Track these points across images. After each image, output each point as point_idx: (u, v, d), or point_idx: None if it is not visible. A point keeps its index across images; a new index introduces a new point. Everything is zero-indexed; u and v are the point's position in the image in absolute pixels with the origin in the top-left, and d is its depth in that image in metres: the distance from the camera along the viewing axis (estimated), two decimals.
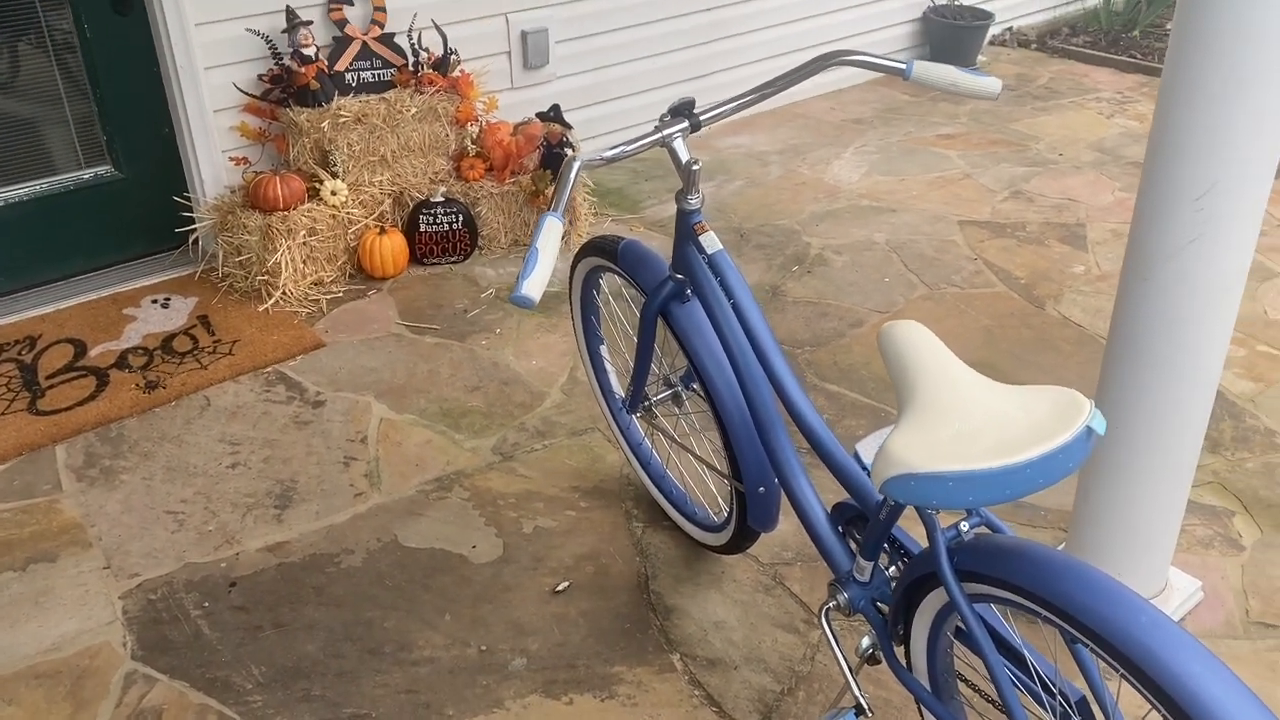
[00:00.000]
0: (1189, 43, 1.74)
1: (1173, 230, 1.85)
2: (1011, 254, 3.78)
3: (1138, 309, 1.95)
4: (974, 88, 1.73)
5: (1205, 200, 1.81)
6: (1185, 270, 1.87)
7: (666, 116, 1.85)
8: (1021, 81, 5.48)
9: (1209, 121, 1.75)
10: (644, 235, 4.00)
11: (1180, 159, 1.80)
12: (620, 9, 4.45)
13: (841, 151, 4.70)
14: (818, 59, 1.83)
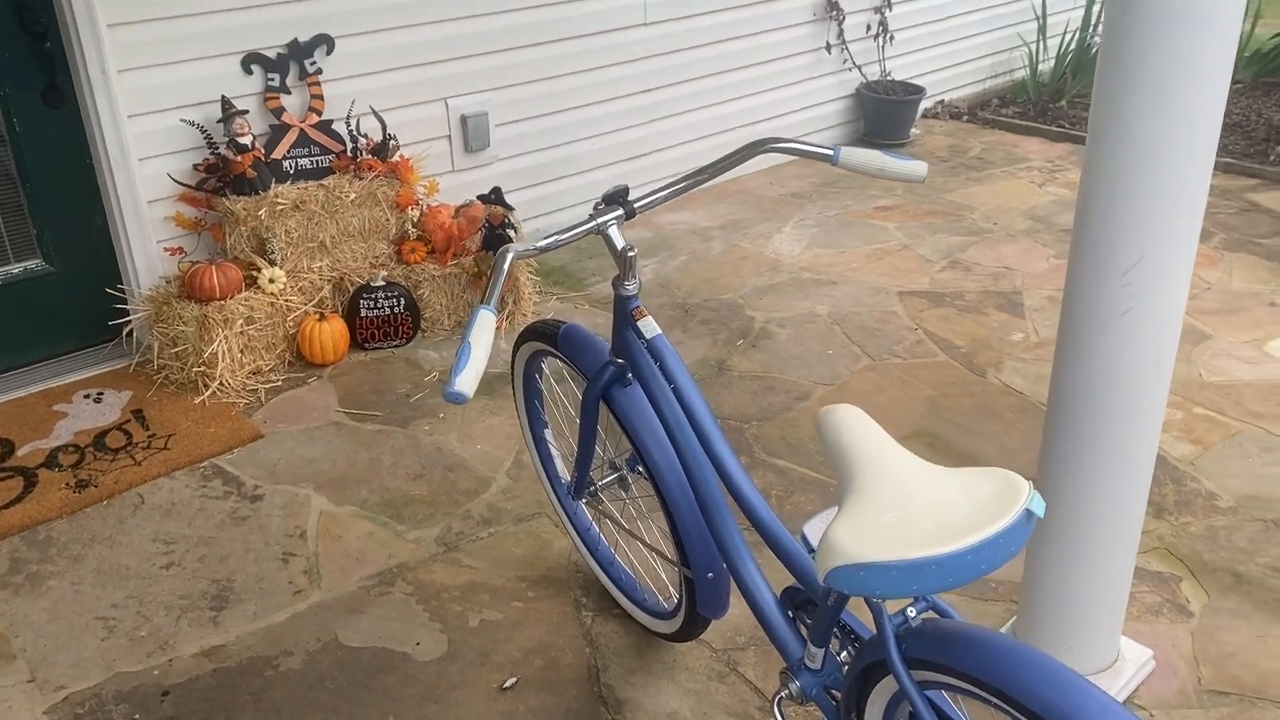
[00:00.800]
0: (1108, 116, 1.79)
1: (1104, 303, 1.88)
2: (951, 323, 3.83)
3: (1074, 382, 1.97)
4: (900, 172, 1.76)
5: (1133, 274, 1.84)
6: (1118, 342, 1.90)
7: (601, 205, 1.85)
8: (954, 153, 5.62)
9: (1132, 194, 1.79)
10: (589, 313, 4.00)
11: (1107, 232, 1.84)
12: (559, 92, 4.50)
13: (781, 226, 4.76)
14: (747, 147, 1.84)
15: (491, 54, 4.23)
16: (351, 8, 3.80)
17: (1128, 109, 1.75)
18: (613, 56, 4.64)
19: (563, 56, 4.47)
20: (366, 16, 3.84)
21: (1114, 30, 1.75)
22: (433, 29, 4.03)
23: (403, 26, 3.95)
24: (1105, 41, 1.79)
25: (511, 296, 3.88)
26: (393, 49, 3.95)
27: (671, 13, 4.77)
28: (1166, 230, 1.80)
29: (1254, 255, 4.28)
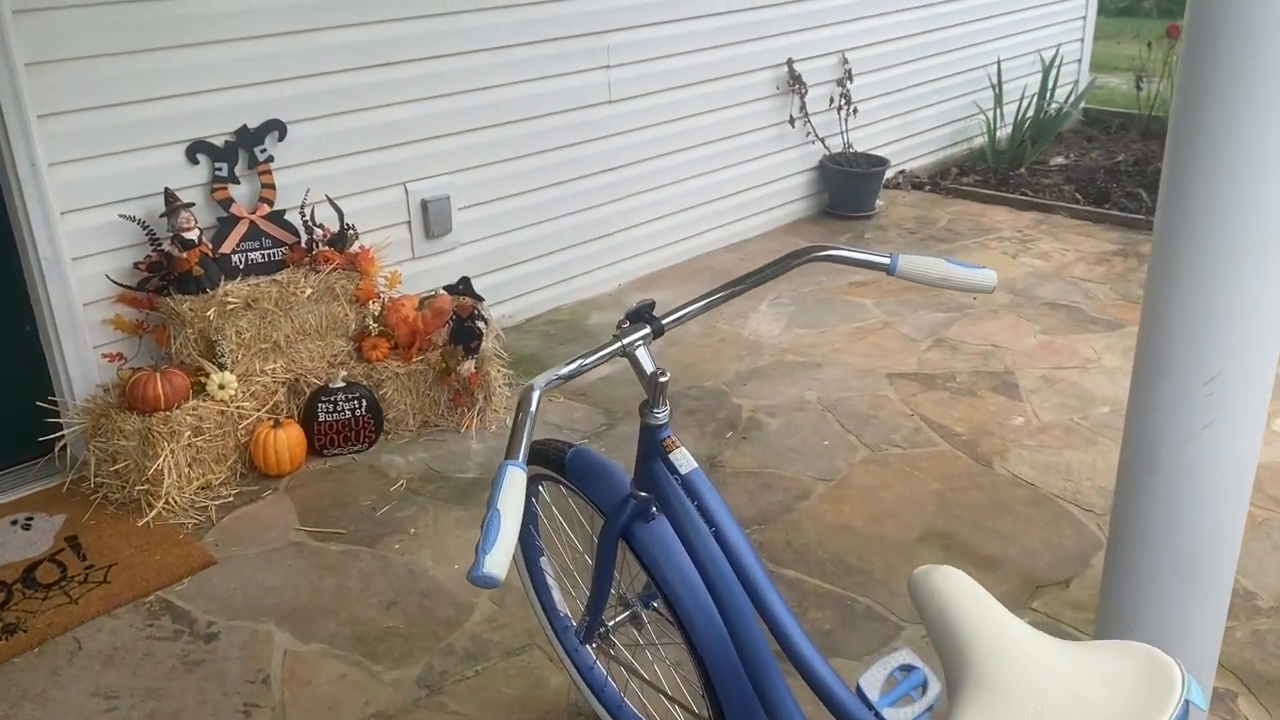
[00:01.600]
0: (1182, 218, 1.61)
1: (1181, 417, 1.69)
2: (947, 408, 3.65)
3: (1144, 504, 1.78)
4: (968, 282, 1.57)
5: (1216, 383, 1.65)
6: (1197, 458, 1.71)
7: (625, 323, 1.63)
8: (922, 224, 5.52)
9: (1212, 303, 1.61)
10: (565, 407, 3.75)
11: (1183, 343, 1.66)
12: (523, 173, 4.31)
13: (757, 304, 4.58)
14: (790, 256, 1.64)
15: (451, 136, 4.03)
16: (304, 91, 3.57)
17: (1202, 203, 1.58)
18: (577, 135, 4.46)
19: (525, 136, 4.27)
20: (320, 100, 3.62)
21: (1186, 119, 1.58)
22: (390, 111, 3.82)
23: (358, 110, 3.73)
24: (1176, 133, 1.62)
25: (481, 392, 3.62)
26: (348, 133, 3.73)
27: (635, 90, 4.62)
28: (1251, 334, 1.63)
29: None
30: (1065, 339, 4.15)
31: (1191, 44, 1.56)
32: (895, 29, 5.80)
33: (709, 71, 4.90)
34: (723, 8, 4.85)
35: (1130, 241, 5.19)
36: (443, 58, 3.91)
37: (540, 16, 4.17)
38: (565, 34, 4.27)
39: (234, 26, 3.36)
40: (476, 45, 3.99)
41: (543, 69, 4.24)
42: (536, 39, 4.18)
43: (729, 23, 4.90)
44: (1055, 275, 4.78)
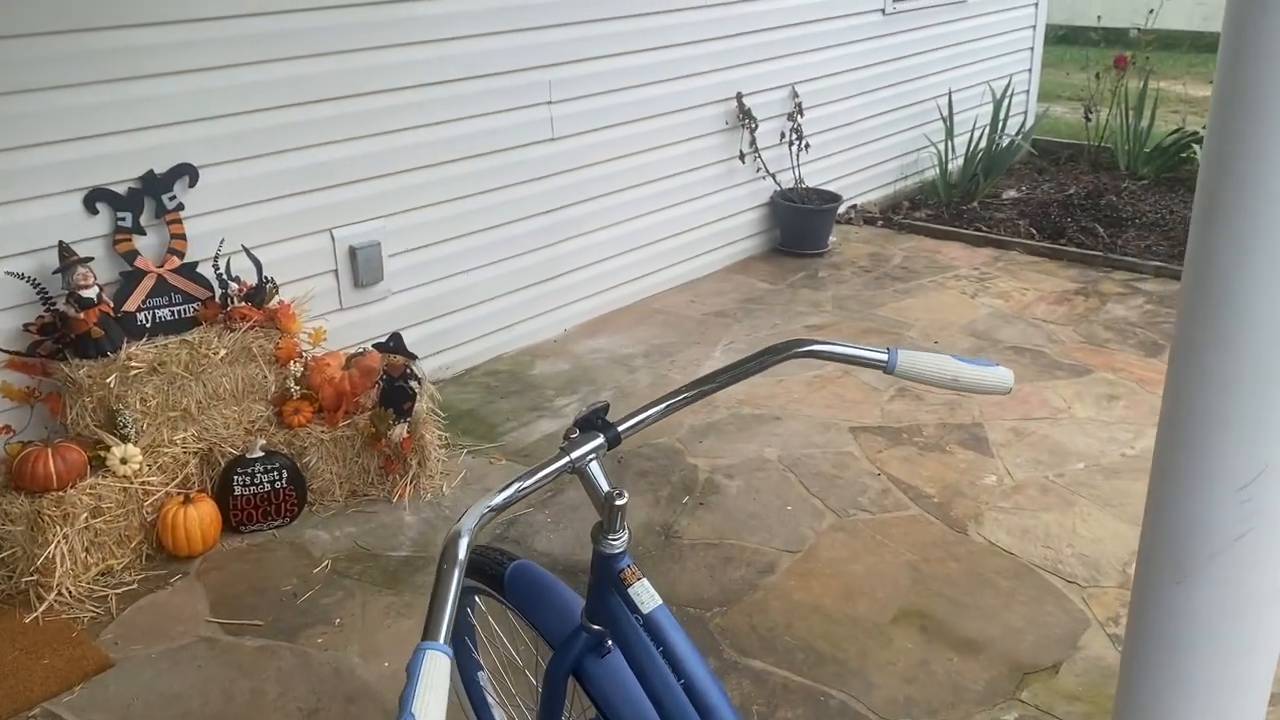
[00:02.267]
0: (1213, 297, 1.40)
1: (1214, 525, 1.48)
2: (915, 465, 3.44)
3: (1170, 618, 1.55)
4: (979, 383, 1.33)
5: (1253, 488, 1.44)
6: (1231, 570, 1.49)
7: (574, 432, 1.37)
8: (876, 261, 5.35)
9: (1249, 394, 1.40)
10: (507, 470, 3.47)
11: (1216, 442, 1.44)
12: (459, 215, 4.04)
13: (710, 350, 4.35)
14: (771, 351, 1.39)
15: (382, 178, 3.75)
16: (217, 133, 3.28)
17: (1236, 278, 1.37)
18: (517, 175, 4.20)
19: (461, 177, 4.01)
20: (235, 142, 3.32)
21: (1217, 188, 1.38)
22: (314, 153, 3.53)
23: (278, 152, 3.44)
24: (1205, 203, 1.42)
25: (415, 458, 3.33)
26: (267, 177, 3.43)
27: (578, 126, 4.38)
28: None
29: None
30: (1032, 386, 3.97)
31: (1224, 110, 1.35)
32: (846, 61, 5.65)
33: (655, 106, 4.68)
34: (669, 41, 4.64)
35: (1089, 279, 5.06)
36: (371, 95, 3.63)
37: (477, 50, 3.91)
38: (504, 69, 4.02)
39: (137, 63, 3.06)
40: (408, 81, 3.73)
41: (480, 105, 3.98)
42: (473, 74, 3.92)
43: (676, 56, 4.70)
44: (1017, 316, 4.62)
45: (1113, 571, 2.88)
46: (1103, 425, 3.67)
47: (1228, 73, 1.37)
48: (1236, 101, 1.35)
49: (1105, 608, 2.73)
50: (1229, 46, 1.36)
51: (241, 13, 3.26)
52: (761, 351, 1.39)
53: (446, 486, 3.38)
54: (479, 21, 3.89)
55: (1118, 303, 4.76)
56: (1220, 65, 1.38)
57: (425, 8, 3.71)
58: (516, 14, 4.00)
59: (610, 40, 4.39)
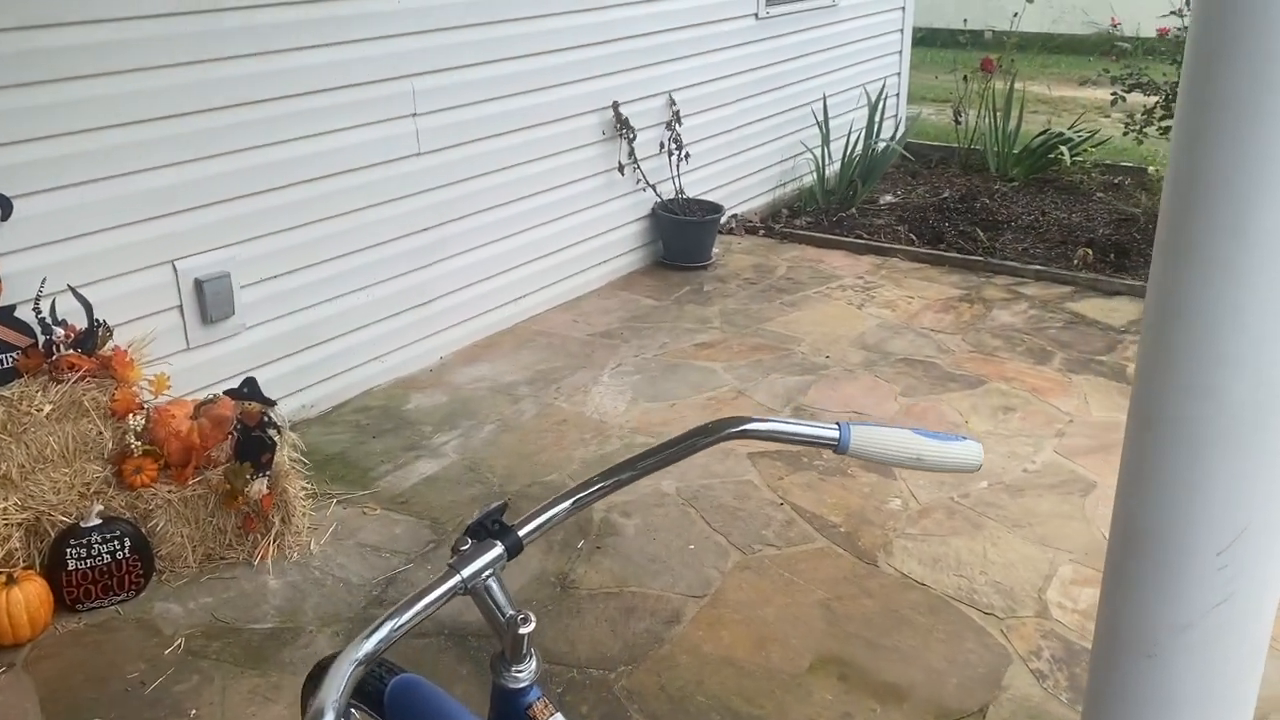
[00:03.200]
0: (1187, 351, 1.25)
1: (1189, 593, 1.33)
2: (818, 492, 3.29)
3: (1139, 695, 1.40)
4: (944, 459, 1.15)
5: (1232, 551, 1.29)
6: (1207, 639, 1.35)
7: (465, 543, 1.11)
8: (761, 273, 5.22)
9: (1234, 450, 1.25)
10: (383, 520, 3.17)
11: (1192, 503, 1.29)
12: (321, 239, 3.71)
13: (598, 375, 4.12)
14: (705, 430, 1.17)
15: (231, 201, 3.39)
16: (34, 157, 2.89)
17: (1219, 322, 1.22)
18: (383, 193, 3.89)
19: (322, 197, 3.68)
20: (58, 166, 2.94)
21: (1181, 224, 1.22)
22: (150, 177, 3.16)
23: (109, 177, 3.06)
24: (1168, 237, 1.26)
25: (278, 514, 3.00)
26: (98, 205, 3.05)
27: (448, 140, 4.09)
28: (1275, 491, 1.28)
29: (1100, 376, 4.04)
30: (927, 400, 3.88)
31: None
32: (721, 67, 5.51)
33: (529, 117, 4.43)
34: (542, 48, 4.40)
35: (972, 285, 5.03)
36: (215, 111, 3.28)
37: (333, 60, 3.59)
38: (364, 79, 3.71)
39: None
40: (257, 95, 3.39)
41: (338, 119, 3.66)
42: (329, 86, 3.60)
43: (549, 64, 4.46)
44: (905, 326, 4.55)
45: (1028, 599, 2.77)
46: (1002, 439, 3.60)
47: (1195, 85, 1.22)
48: (1206, 119, 1.20)
49: (1025, 640, 2.62)
50: (1197, 63, 1.21)
51: (59, 21, 2.87)
52: (690, 433, 1.17)
53: (315, 544, 3.06)
54: (333, 29, 3.57)
55: (1002, 309, 4.74)
56: (1186, 82, 1.23)
57: (271, 15, 3.37)
58: (376, 21, 3.70)
59: (478, 48, 4.12)
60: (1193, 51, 1.21)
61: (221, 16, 3.23)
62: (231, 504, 2.91)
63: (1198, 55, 1.20)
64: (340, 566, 2.97)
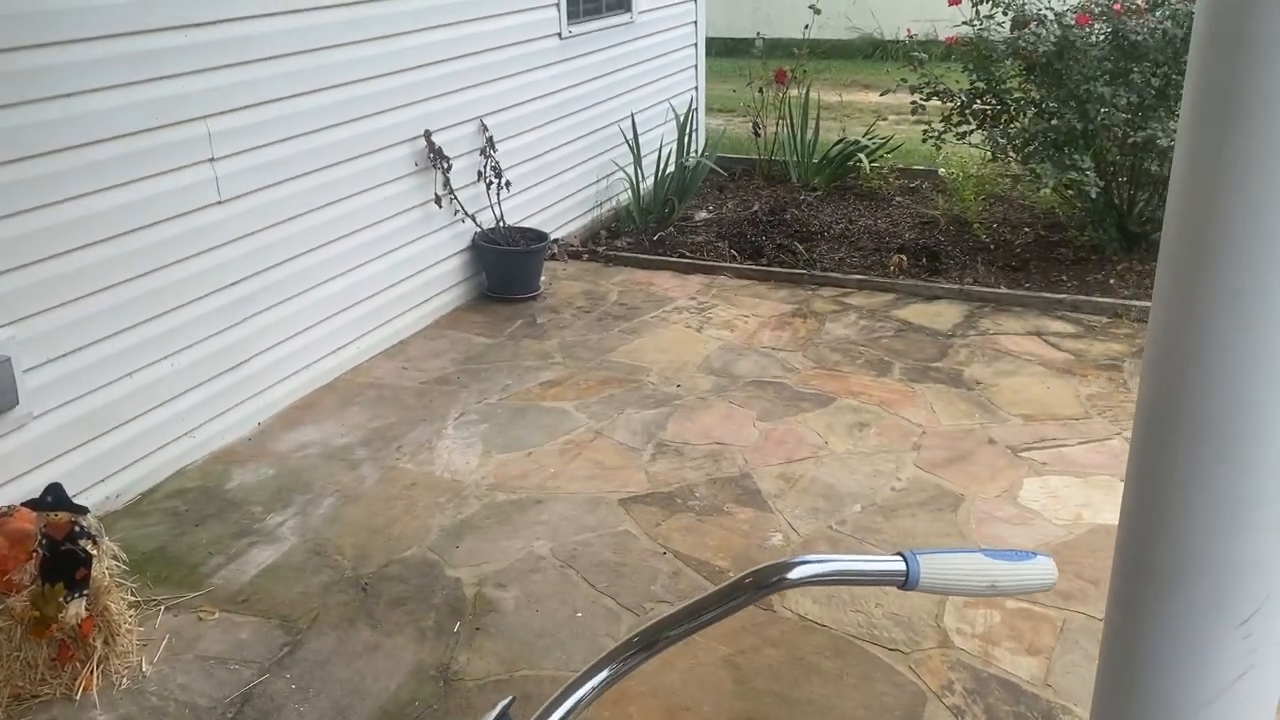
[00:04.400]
0: (1209, 420, 1.17)
1: (1212, 667, 1.25)
2: (699, 535, 3.16)
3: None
4: (1022, 582, 1.01)
5: (1254, 621, 1.23)
6: (1230, 712, 1.28)
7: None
8: (593, 300, 5.06)
9: (1257, 521, 1.18)
10: (224, 626, 2.79)
11: (1215, 577, 1.21)
12: (114, 308, 3.26)
13: (441, 428, 3.84)
14: (742, 587, 0.97)
15: (3, 274, 2.91)
16: None
17: (1246, 389, 1.15)
18: (182, 249, 3.47)
19: (112, 261, 3.23)
20: None
21: (1189, 277, 1.14)
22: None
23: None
24: (1172, 292, 1.18)
25: (100, 637, 2.58)
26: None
27: (251, 184, 3.70)
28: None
29: (940, 384, 4.12)
30: (784, 423, 3.83)
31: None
32: (530, 89, 5.31)
33: (338, 152, 4.09)
34: (347, 78, 4.07)
35: (801, 299, 5.06)
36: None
37: (116, 105, 3.15)
38: (150, 124, 3.28)
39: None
40: (26, 150, 2.92)
41: (126, 171, 3.23)
42: (112, 134, 3.16)
43: (355, 94, 4.13)
44: (746, 347, 4.50)
45: (928, 629, 2.74)
46: (863, 458, 3.59)
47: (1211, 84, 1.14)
48: (1226, 137, 1.12)
49: (935, 674, 2.57)
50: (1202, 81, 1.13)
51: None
52: (729, 589, 0.97)
53: (147, 663, 2.66)
54: (109, 71, 3.13)
55: (834, 321, 4.78)
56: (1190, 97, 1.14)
57: (37, 58, 2.91)
58: (158, 59, 3.28)
59: (278, 82, 3.75)
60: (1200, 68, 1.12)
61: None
62: (42, 633, 2.47)
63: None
64: (181, 688, 2.58)
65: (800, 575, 0.97)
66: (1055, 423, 3.80)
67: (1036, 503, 3.29)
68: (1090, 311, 4.77)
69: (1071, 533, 3.13)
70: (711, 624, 0.99)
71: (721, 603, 0.96)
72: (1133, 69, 4.89)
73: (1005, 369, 4.24)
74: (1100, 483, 3.39)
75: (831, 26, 13.35)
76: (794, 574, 0.96)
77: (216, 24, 3.46)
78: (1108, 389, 4.03)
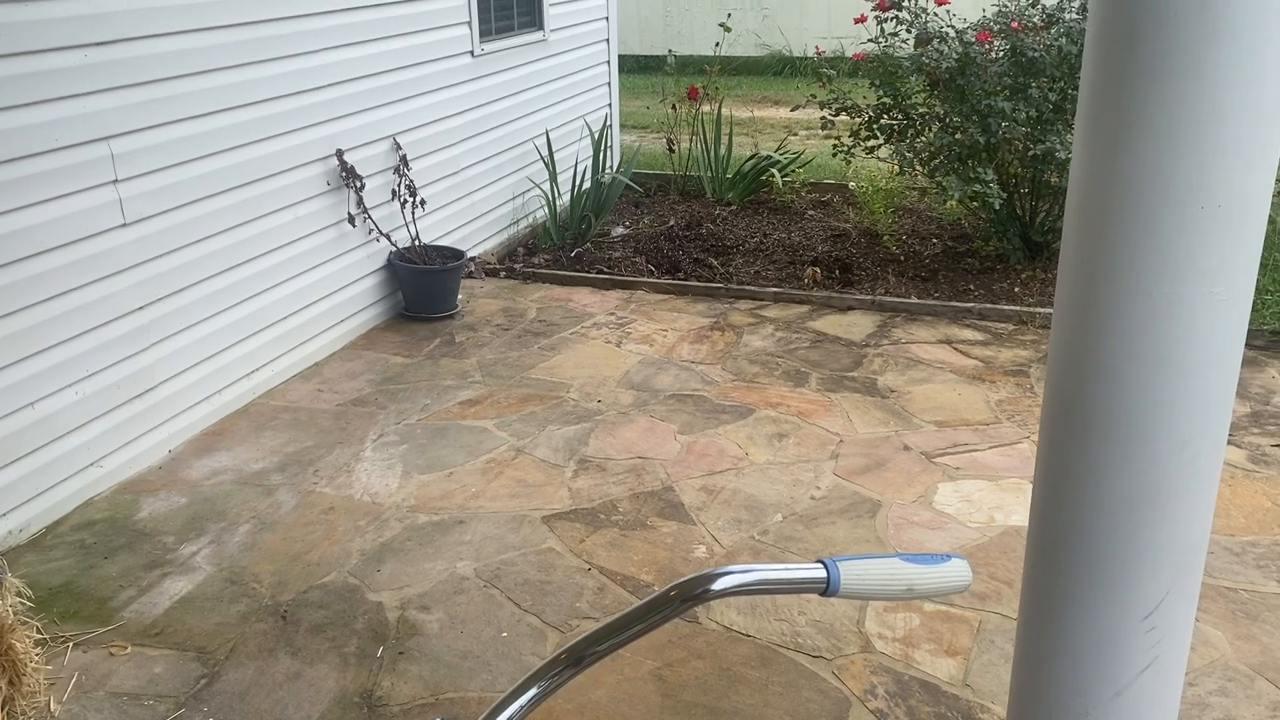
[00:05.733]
0: (1107, 420, 1.22)
1: (1118, 660, 1.31)
2: (623, 551, 3.16)
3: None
4: (937, 585, 1.04)
5: (1158, 614, 1.28)
6: (1136, 703, 1.33)
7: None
8: (512, 318, 5.04)
9: (1158, 517, 1.24)
10: (134, 658, 2.70)
11: (1118, 572, 1.27)
12: (10, 336, 3.13)
13: (359, 450, 3.78)
14: (663, 601, 0.98)
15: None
16: None
17: (1143, 387, 1.21)
18: (85, 273, 3.37)
19: (9, 287, 3.12)
20: None
21: (1090, 276, 1.20)
22: None
23: None
24: (1074, 293, 1.23)
25: (4, 676, 2.47)
26: None
27: (157, 205, 3.61)
28: (1196, 545, 1.28)
29: (855, 393, 4.20)
30: (705, 436, 3.86)
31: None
32: (443, 107, 5.28)
33: (248, 172, 4.01)
34: (256, 96, 3.99)
35: (718, 312, 5.12)
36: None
37: (9, 126, 3.05)
38: (50, 145, 3.18)
39: None
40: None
41: (23, 194, 3.12)
42: (9, 156, 3.05)
43: (265, 113, 4.06)
44: (666, 361, 4.53)
45: (850, 635, 2.78)
46: (783, 468, 3.64)
47: (1098, 88, 1.19)
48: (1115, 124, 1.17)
49: (858, 679, 2.62)
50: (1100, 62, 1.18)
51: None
52: (654, 602, 0.98)
53: (55, 702, 2.56)
54: (11, 90, 3.03)
55: (751, 334, 4.84)
56: (1089, 86, 1.19)
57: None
58: (61, 78, 3.18)
59: (185, 101, 3.67)
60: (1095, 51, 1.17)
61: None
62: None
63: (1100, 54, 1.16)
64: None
65: (724, 586, 0.98)
66: (967, 428, 3.91)
67: (951, 507, 3.38)
68: (997, 319, 4.91)
69: (985, 535, 3.21)
70: (638, 638, 1.00)
71: (647, 616, 0.97)
72: (1031, 84, 5.07)
73: (918, 377, 4.35)
74: (1011, 485, 3.49)
75: (741, 44, 13.59)
76: (718, 585, 0.98)
77: (117, 43, 3.38)
78: (1016, 394, 4.16)
